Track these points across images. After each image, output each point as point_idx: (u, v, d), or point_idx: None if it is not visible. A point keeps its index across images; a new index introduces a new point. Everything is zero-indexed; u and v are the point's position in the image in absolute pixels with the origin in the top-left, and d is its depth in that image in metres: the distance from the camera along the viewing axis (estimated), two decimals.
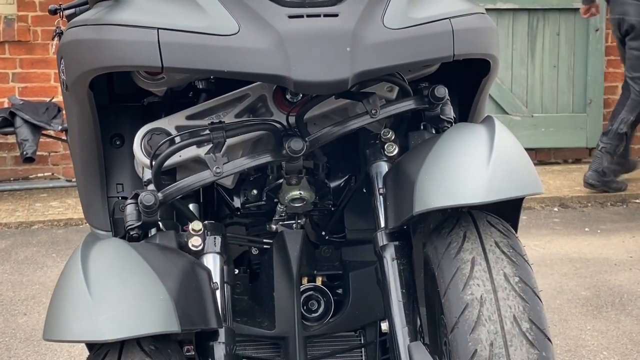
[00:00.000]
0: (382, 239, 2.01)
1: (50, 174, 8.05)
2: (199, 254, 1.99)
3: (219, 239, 2.01)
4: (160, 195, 1.96)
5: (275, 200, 2.22)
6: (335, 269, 2.35)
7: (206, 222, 2.02)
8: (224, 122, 2.02)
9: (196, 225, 2.00)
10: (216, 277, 1.95)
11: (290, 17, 1.82)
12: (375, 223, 2.05)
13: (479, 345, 1.66)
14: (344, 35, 1.80)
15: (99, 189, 2.23)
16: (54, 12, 2.64)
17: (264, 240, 2.28)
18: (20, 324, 4.76)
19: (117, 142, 2.27)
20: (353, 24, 1.82)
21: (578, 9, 7.40)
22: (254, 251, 2.32)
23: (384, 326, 1.98)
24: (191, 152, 2.05)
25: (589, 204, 7.04)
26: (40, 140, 7.35)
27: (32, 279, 5.52)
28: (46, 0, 7.79)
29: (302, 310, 2.26)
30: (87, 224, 2.32)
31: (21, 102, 7.34)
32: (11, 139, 7.70)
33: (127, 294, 1.71)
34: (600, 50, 8.24)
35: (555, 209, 6.92)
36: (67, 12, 2.61)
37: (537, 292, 1.75)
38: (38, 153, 7.32)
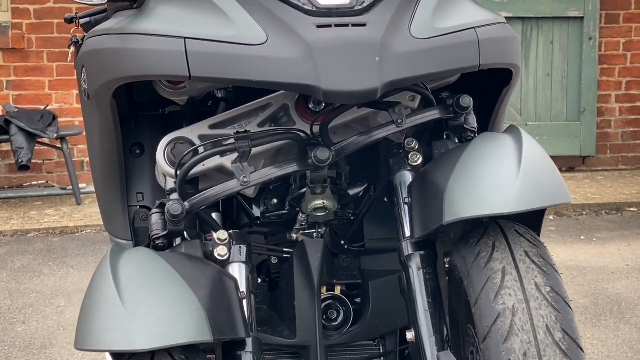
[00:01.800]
0: (407, 248, 2.01)
1: (44, 182, 8.02)
2: (225, 263, 1.98)
3: (244, 248, 2.01)
4: (186, 204, 1.95)
5: (297, 209, 2.21)
6: (354, 278, 2.35)
7: (231, 231, 2.02)
8: (249, 131, 2.02)
9: (222, 234, 1.99)
10: (242, 287, 1.95)
11: (319, 26, 1.82)
12: (399, 232, 2.05)
13: (513, 355, 1.66)
14: (372, 45, 1.80)
15: (119, 199, 2.22)
16: (70, 21, 2.63)
17: (284, 249, 2.28)
18: (19, 333, 4.74)
19: (137, 151, 2.27)
20: (381, 33, 1.82)
21: (572, 17, 7.43)
22: (274, 260, 2.32)
23: (409, 335, 1.98)
24: (215, 161, 2.05)
25: (584, 212, 7.06)
26: (35, 148, 7.33)
27: (29, 287, 5.50)
28: (41, 7, 7.78)
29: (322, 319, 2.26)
30: (83, 231, 2.31)
31: (16, 110, 7.33)
32: (5, 147, 7.69)
33: (159, 304, 1.70)
34: (594, 58, 8.27)
35: (551, 217, 6.93)
36: (82, 21, 2.60)
37: (568, 301, 1.75)
38: (32, 161, 7.30)
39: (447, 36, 1.91)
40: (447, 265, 2.01)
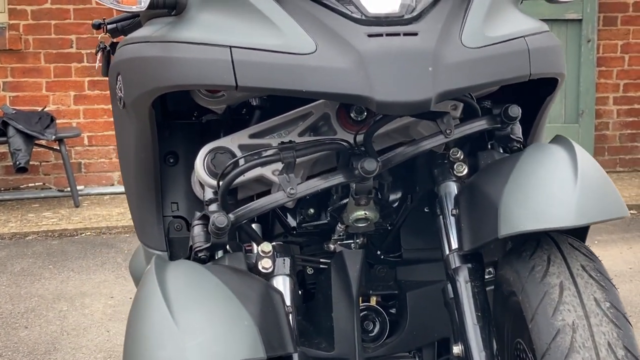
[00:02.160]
0: (454, 260, 1.98)
1: (41, 183, 7.97)
2: (269, 276, 1.95)
3: (288, 261, 1.97)
4: (232, 216, 1.92)
5: (335, 219, 2.18)
6: (390, 288, 2.32)
7: (274, 243, 1.98)
8: (293, 141, 1.99)
9: (266, 246, 1.96)
10: (288, 300, 1.91)
11: (370, 35, 1.78)
12: (444, 244, 2.02)
13: None
14: (425, 54, 1.77)
15: (154, 209, 2.19)
16: (98, 26, 2.59)
17: (321, 260, 2.25)
18: (22, 338, 4.70)
19: (171, 160, 2.23)
20: (434, 43, 1.79)
21: (570, 20, 7.43)
22: (309, 271, 2.29)
23: (456, 350, 1.95)
24: (255, 171, 2.02)
25: None
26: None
27: (30, 292, 5.45)
28: (37, 9, 7.72)
29: None
30: (82, 234, 2.28)
31: (14, 112, 7.27)
32: (2, 149, 7.63)
33: (212, 320, 1.66)
34: (592, 61, 8.28)
35: None
36: (109, 26, 2.57)
37: (627, 317, 1.72)
38: (29, 163, 7.25)
39: (498, 45, 1.88)
40: (491, 278, 1.99)
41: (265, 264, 1.95)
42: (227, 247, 1.97)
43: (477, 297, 1.94)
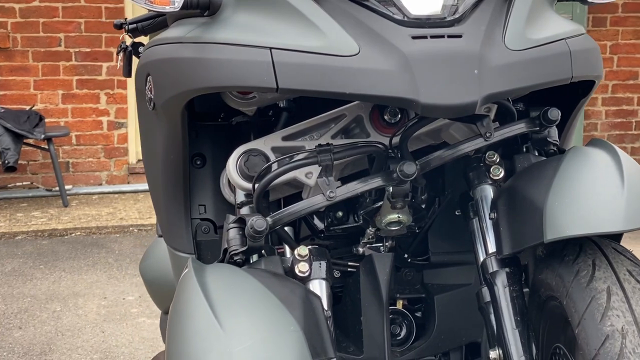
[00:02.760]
0: (492, 265, 1.95)
1: (29, 183, 7.92)
2: (305, 280, 1.92)
3: (324, 265, 1.94)
4: (269, 220, 1.89)
5: (365, 222, 2.16)
6: (417, 292, 2.30)
7: (310, 246, 1.96)
8: (330, 144, 1.97)
9: (302, 250, 1.93)
10: (325, 304, 1.89)
11: (414, 37, 1.76)
12: (481, 248, 1.99)
13: None
14: (471, 57, 1.75)
15: (182, 211, 2.16)
16: (119, 26, 2.56)
17: (349, 263, 2.22)
18: (17, 338, 4.67)
19: (198, 162, 2.20)
20: (478, 45, 1.77)
21: None
22: (336, 274, 2.26)
23: (493, 354, 1.92)
24: (289, 174, 1.99)
25: None
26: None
27: (22, 292, 5.42)
28: (26, 6, 7.67)
29: None
30: (72, 233, 2.25)
31: (2, 110, 7.23)
32: None
33: (258, 324, 1.64)
34: None
35: None
36: (130, 27, 2.54)
37: None
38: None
39: (540, 47, 1.86)
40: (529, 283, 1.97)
41: (302, 268, 1.92)
42: (262, 250, 1.94)
43: (515, 302, 1.91)
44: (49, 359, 4.42)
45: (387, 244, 2.19)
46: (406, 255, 2.27)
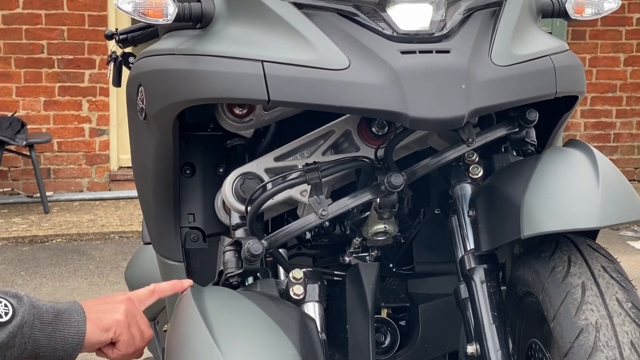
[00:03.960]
0: (470, 261, 1.99)
1: (10, 189, 7.92)
2: (300, 303, 1.95)
3: (317, 287, 1.97)
4: (265, 243, 1.93)
5: (351, 232, 2.19)
6: (402, 301, 2.33)
7: (304, 269, 1.99)
8: (317, 162, 2.00)
9: (297, 273, 1.95)
10: (319, 327, 1.92)
11: (403, 52, 1.80)
12: (459, 245, 2.03)
13: None
14: (459, 72, 1.79)
15: (172, 220, 2.18)
16: (110, 37, 2.58)
17: (335, 272, 2.25)
18: None
19: (188, 172, 2.23)
20: (466, 60, 1.81)
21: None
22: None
23: (471, 349, 1.95)
24: (283, 193, 2.02)
25: None
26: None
27: None
28: (9, 13, 7.67)
29: None
30: (53, 240, 2.27)
31: None
32: None
33: (257, 348, 1.65)
34: None
35: None
36: (121, 37, 2.56)
37: None
38: None
39: (526, 63, 1.90)
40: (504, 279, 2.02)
41: (296, 291, 1.94)
42: (257, 273, 1.98)
43: (492, 297, 1.95)
44: None
45: (372, 253, 2.22)
46: (391, 265, 2.30)
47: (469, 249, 2.01)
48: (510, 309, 1.99)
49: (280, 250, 2.11)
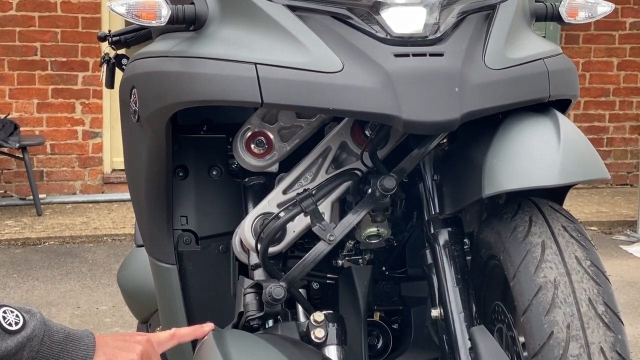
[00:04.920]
0: (434, 225, 2.01)
1: (2, 191, 7.89)
2: (321, 346, 1.97)
3: (339, 330, 1.99)
4: (284, 284, 1.95)
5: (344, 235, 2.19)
6: (395, 304, 2.33)
7: (325, 312, 2.00)
8: (308, 189, 2.02)
9: (318, 316, 1.97)
10: None
11: (396, 55, 1.80)
12: (425, 210, 2.05)
13: (555, 327, 1.67)
14: (452, 75, 1.80)
15: (164, 222, 2.18)
16: (103, 38, 2.58)
17: (328, 275, 2.26)
18: None
19: (181, 174, 2.23)
20: (459, 63, 1.82)
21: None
22: (315, 286, 2.29)
23: (435, 313, 1.98)
24: (302, 223, 2.05)
25: None
26: None
27: None
28: (2, 15, 7.66)
29: None
30: (45, 242, 2.28)
31: None
32: None
33: None
34: None
35: None
36: (114, 39, 2.56)
37: (607, 275, 1.77)
38: None
39: (519, 67, 1.91)
40: (467, 249, 2.05)
41: (318, 334, 1.96)
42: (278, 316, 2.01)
43: (456, 260, 1.97)
44: None
45: (365, 256, 2.22)
46: (384, 268, 2.31)
47: (434, 213, 2.03)
48: (475, 274, 2.02)
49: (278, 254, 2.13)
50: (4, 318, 1.61)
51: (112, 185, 8.02)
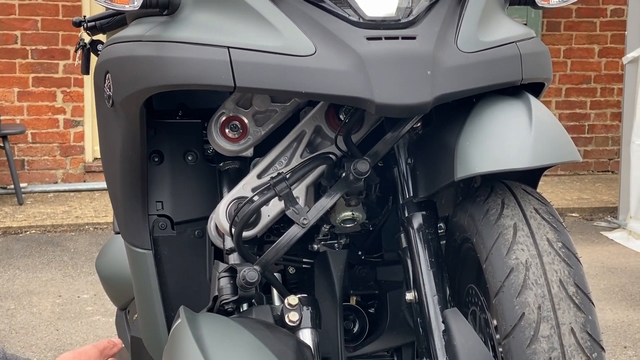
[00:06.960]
0: (408, 209, 2.02)
1: None
2: (295, 329, 1.98)
3: (313, 313, 2.00)
4: (259, 268, 1.95)
5: (319, 219, 2.19)
6: (371, 288, 2.34)
7: (299, 295, 2.01)
8: (282, 173, 2.02)
9: (292, 300, 1.98)
10: (314, 354, 1.95)
11: (369, 38, 1.81)
12: (399, 194, 2.06)
13: (527, 308, 1.68)
14: (424, 58, 1.80)
15: (140, 207, 2.18)
16: (78, 24, 2.57)
17: (304, 260, 2.26)
18: None
19: (156, 159, 2.23)
20: (432, 47, 1.82)
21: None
22: (291, 270, 2.30)
23: (409, 296, 1.98)
24: (276, 207, 2.06)
25: None
26: None
27: None
28: None
29: None
30: (27, 232, 2.28)
31: None
32: None
33: None
34: None
35: None
36: (89, 24, 2.56)
37: (578, 257, 1.78)
38: None
39: (492, 50, 1.92)
40: (442, 233, 2.06)
41: (292, 317, 1.97)
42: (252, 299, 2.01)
43: (430, 244, 1.98)
44: None
45: (341, 241, 2.23)
46: (360, 253, 2.31)
47: (407, 196, 2.04)
48: (450, 257, 2.03)
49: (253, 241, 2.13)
50: None
51: (94, 174, 8.01)
